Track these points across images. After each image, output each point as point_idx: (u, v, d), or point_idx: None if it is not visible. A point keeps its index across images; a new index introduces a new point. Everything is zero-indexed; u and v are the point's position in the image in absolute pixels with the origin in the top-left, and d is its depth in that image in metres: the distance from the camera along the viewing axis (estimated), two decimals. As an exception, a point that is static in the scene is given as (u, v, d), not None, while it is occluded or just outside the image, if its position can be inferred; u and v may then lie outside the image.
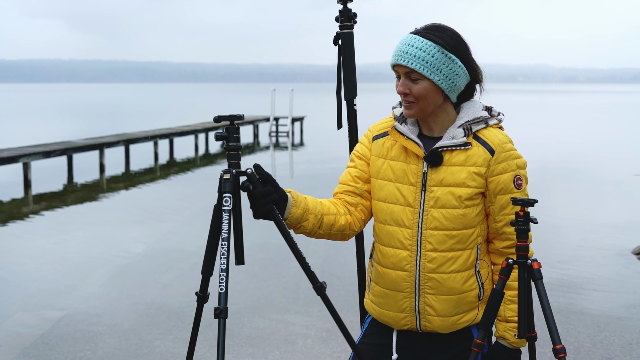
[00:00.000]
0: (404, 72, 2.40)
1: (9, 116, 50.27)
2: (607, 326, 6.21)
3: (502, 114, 2.55)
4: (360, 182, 2.60)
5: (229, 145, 2.49)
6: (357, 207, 2.61)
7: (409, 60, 2.36)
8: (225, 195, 2.44)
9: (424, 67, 2.36)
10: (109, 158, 18.98)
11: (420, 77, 2.38)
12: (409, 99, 2.42)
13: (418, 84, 2.39)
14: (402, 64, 2.38)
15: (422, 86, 2.39)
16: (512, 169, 2.44)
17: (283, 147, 26.05)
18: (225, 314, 2.34)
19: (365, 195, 2.61)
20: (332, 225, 2.54)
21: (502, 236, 2.49)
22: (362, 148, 2.63)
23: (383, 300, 2.56)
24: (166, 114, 50.02)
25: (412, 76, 2.39)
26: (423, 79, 2.38)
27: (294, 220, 2.47)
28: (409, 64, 2.36)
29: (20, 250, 9.46)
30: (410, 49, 2.37)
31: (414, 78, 2.39)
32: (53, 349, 5.72)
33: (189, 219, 11.58)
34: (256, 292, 7.14)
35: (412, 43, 2.37)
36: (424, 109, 2.43)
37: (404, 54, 2.37)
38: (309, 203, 2.50)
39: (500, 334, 2.49)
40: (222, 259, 2.37)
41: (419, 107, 2.42)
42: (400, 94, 2.43)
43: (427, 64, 2.36)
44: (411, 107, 2.43)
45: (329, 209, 2.55)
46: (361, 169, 2.61)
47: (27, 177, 15.21)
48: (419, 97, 2.40)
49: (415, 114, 2.44)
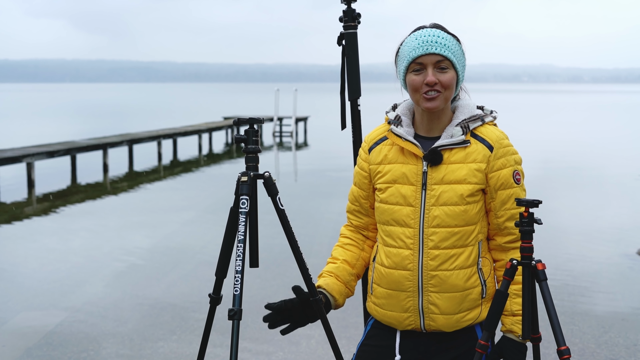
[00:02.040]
0: (435, 62, 2.43)
1: (13, 116, 50.37)
2: (612, 327, 6.19)
3: (495, 111, 2.60)
4: (364, 201, 2.69)
5: (247, 147, 2.50)
6: (369, 227, 2.73)
7: (442, 49, 2.42)
8: (242, 198, 2.45)
9: (454, 56, 2.44)
10: (112, 158, 19.00)
11: (449, 67, 2.44)
12: (437, 88, 2.44)
13: (447, 73, 2.44)
14: (437, 52, 2.42)
15: (451, 75, 2.44)
16: (510, 164, 2.49)
17: (287, 147, 26.06)
18: (240, 315, 2.35)
19: (371, 212, 2.70)
20: (364, 264, 2.73)
21: (503, 231, 2.52)
22: (360, 162, 2.69)
23: (386, 301, 2.56)
24: (170, 114, 50.08)
25: (443, 65, 2.44)
26: (451, 69, 2.45)
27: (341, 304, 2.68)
28: (442, 52, 2.42)
29: (24, 250, 9.46)
30: (439, 39, 2.43)
31: (444, 67, 2.44)
32: (56, 349, 5.72)
33: (193, 219, 11.59)
34: (260, 292, 7.13)
35: (438, 34, 2.45)
36: (446, 100, 2.48)
37: (435, 43, 2.43)
38: (342, 279, 2.66)
39: (507, 328, 2.49)
40: (238, 261, 2.38)
41: (444, 97, 2.46)
42: (429, 84, 2.43)
43: (455, 54, 2.44)
44: (437, 97, 2.45)
45: (353, 258, 2.71)
46: (361, 188, 2.68)
47: (30, 177, 15.22)
48: (447, 86, 2.44)
49: (440, 104, 2.46)
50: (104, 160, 18.26)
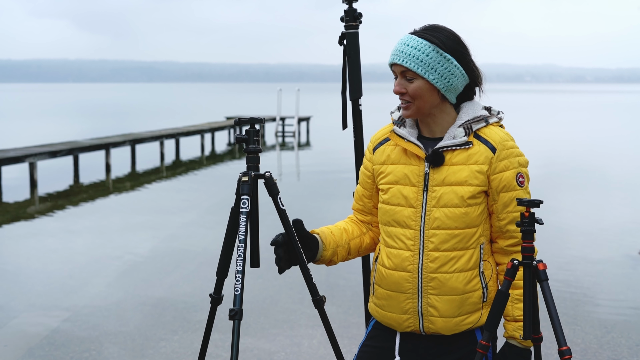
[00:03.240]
0: (400, 72, 2.44)
1: (16, 116, 50.42)
2: (614, 327, 6.18)
3: (502, 112, 2.56)
4: (367, 200, 2.69)
5: (248, 147, 2.50)
6: (373, 224, 2.73)
7: (404, 59, 2.40)
8: (243, 198, 2.46)
9: (418, 65, 2.39)
10: (115, 158, 19.02)
11: (415, 76, 2.41)
12: (405, 98, 2.45)
13: (413, 82, 2.42)
14: (397, 62, 2.42)
15: (417, 85, 2.41)
16: (514, 167, 2.44)
17: (289, 147, 26.06)
18: (240, 315, 2.35)
19: (375, 211, 2.70)
20: (360, 247, 2.69)
21: (505, 234, 2.49)
22: (365, 162, 2.69)
23: (386, 302, 2.55)
24: (172, 114, 50.11)
25: (408, 75, 2.42)
26: (418, 78, 2.41)
27: (325, 260, 2.62)
28: (403, 62, 2.40)
29: (26, 250, 9.47)
30: (406, 48, 2.40)
31: (409, 77, 2.42)
32: (59, 348, 5.72)
33: (195, 219, 11.59)
34: (262, 292, 7.13)
35: (408, 42, 2.41)
36: (421, 109, 2.45)
37: (400, 53, 2.41)
38: (336, 238, 2.64)
39: (509, 334, 2.48)
40: (239, 261, 2.38)
41: (415, 107, 2.44)
42: (396, 94, 2.46)
43: (421, 63, 2.39)
44: (408, 107, 2.45)
45: (353, 233, 2.68)
46: (365, 187, 2.69)
47: (33, 177, 15.24)
48: (414, 96, 2.42)
49: (413, 114, 2.46)
50: (107, 160, 18.28)
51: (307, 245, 2.56)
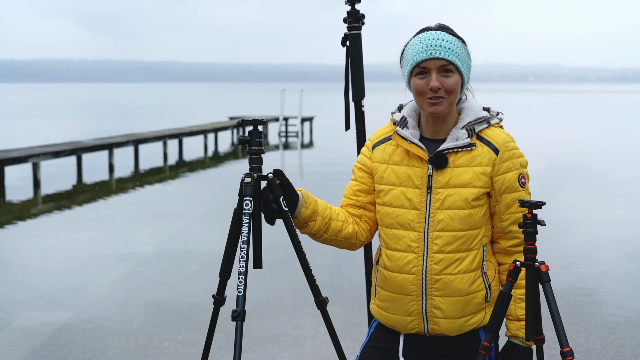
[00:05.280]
0: (439, 66, 2.39)
1: (19, 116, 50.50)
2: (618, 328, 6.17)
3: (502, 113, 2.56)
4: (362, 195, 2.64)
5: (251, 149, 2.51)
6: (362, 219, 2.66)
7: (446, 53, 2.38)
8: (245, 199, 2.46)
9: (459, 59, 2.40)
10: (118, 158, 19.04)
11: (454, 71, 2.41)
12: (440, 94, 2.40)
13: (451, 77, 2.41)
14: (441, 56, 2.38)
15: (455, 79, 2.41)
16: (516, 168, 2.45)
17: (292, 147, 26.06)
18: (243, 316, 2.35)
19: (368, 207, 2.64)
20: (339, 232, 2.60)
21: (508, 235, 2.49)
22: (362, 158, 2.65)
23: (390, 304, 2.55)
24: (175, 114, 50.14)
25: (447, 68, 2.40)
26: (456, 73, 2.41)
27: (301, 220, 2.54)
28: (446, 56, 2.38)
29: (29, 251, 9.49)
30: (444, 42, 2.39)
31: (448, 70, 2.40)
32: (62, 349, 5.73)
33: (198, 219, 11.60)
34: (265, 293, 7.13)
35: (443, 37, 2.40)
36: (452, 103, 2.45)
37: (439, 47, 2.38)
38: (319, 206, 2.57)
39: (512, 333, 2.48)
40: (241, 262, 2.38)
41: (448, 102, 2.43)
42: (433, 90, 2.39)
43: (460, 57, 2.41)
44: (441, 102, 2.41)
45: (338, 216, 2.60)
46: (361, 182, 2.64)
47: (36, 177, 15.27)
48: (451, 90, 2.41)
49: (444, 109, 2.43)
50: (110, 161, 18.30)
51: (287, 195, 2.50)
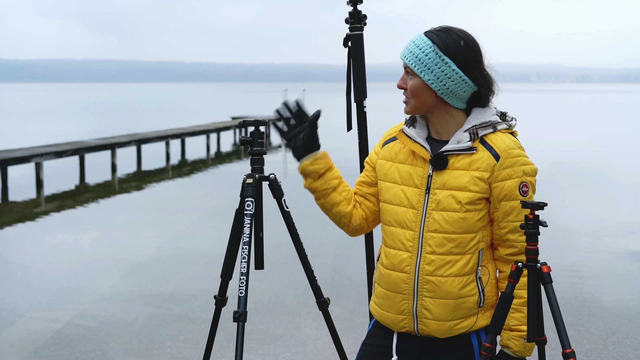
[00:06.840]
0: (404, 67, 2.50)
1: (22, 116, 50.54)
2: (620, 328, 6.18)
3: (515, 119, 2.52)
4: (364, 187, 2.70)
5: (252, 149, 2.51)
6: (361, 205, 2.71)
7: (406, 55, 2.47)
8: (247, 200, 2.46)
9: (415, 64, 2.44)
10: (120, 158, 19.05)
11: (413, 74, 2.46)
12: (405, 94, 2.51)
13: (412, 80, 2.47)
14: (401, 58, 2.49)
15: (414, 83, 2.47)
16: (518, 175, 2.41)
17: (294, 147, 26.00)
18: (245, 317, 2.36)
19: (368, 197, 2.69)
20: (335, 205, 2.64)
21: (505, 243, 2.46)
22: (371, 153, 2.72)
23: (384, 301, 2.57)
24: (178, 114, 50.15)
25: (408, 71, 2.48)
26: (415, 76, 2.46)
27: (300, 168, 2.62)
28: (404, 58, 2.48)
29: (32, 251, 9.50)
30: (411, 45, 2.46)
31: (410, 74, 2.48)
32: (64, 349, 5.74)
33: (201, 219, 11.61)
34: (267, 292, 7.14)
35: (414, 40, 2.47)
36: (418, 107, 2.49)
37: (405, 49, 2.48)
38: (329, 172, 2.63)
39: (504, 343, 2.47)
40: (243, 263, 2.39)
41: (412, 104, 2.50)
42: (398, 88, 2.52)
43: (419, 62, 2.43)
44: (406, 103, 2.53)
45: (342, 191, 2.65)
46: (366, 174, 2.71)
47: (39, 177, 15.28)
48: (411, 92, 2.48)
49: (409, 111, 2.52)
50: (112, 161, 18.31)
51: (312, 139, 2.61)
